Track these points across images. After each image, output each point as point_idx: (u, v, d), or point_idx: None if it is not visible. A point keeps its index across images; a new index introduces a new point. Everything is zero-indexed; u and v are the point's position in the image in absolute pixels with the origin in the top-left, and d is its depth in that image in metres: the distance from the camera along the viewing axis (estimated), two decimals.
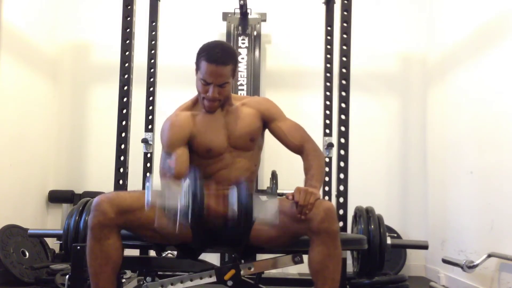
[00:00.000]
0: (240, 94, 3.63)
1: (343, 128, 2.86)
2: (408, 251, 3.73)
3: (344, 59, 2.89)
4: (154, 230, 1.83)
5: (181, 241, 1.90)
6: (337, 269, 1.75)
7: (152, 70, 3.27)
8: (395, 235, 3.63)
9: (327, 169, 3.30)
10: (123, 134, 2.82)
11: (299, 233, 1.81)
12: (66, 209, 3.75)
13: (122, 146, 2.82)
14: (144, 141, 3.17)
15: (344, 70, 2.89)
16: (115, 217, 1.71)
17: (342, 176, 2.83)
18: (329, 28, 3.32)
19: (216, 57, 1.85)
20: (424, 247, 2.80)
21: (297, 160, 1.91)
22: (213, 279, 1.91)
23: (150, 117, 3.21)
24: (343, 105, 2.87)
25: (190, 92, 2.08)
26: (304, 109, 3.93)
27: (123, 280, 2.55)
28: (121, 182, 2.78)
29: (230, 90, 1.98)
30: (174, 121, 1.97)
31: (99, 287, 1.71)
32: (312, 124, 3.65)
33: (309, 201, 1.69)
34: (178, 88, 3.59)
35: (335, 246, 1.74)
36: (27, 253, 3.22)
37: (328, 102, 3.33)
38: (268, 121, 2.07)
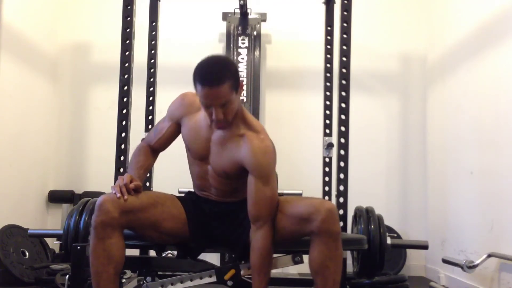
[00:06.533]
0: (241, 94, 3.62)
1: (343, 128, 2.86)
2: (408, 251, 3.74)
3: (344, 59, 2.89)
4: (157, 230, 1.83)
5: (181, 240, 1.91)
6: (338, 270, 1.76)
7: (152, 70, 3.27)
8: (395, 235, 3.63)
9: (327, 169, 3.31)
10: (123, 134, 2.82)
11: (300, 234, 1.80)
12: (66, 209, 3.75)
13: (122, 146, 2.82)
14: None
15: (344, 70, 2.89)
16: (118, 217, 1.71)
17: (342, 176, 2.83)
18: (329, 28, 3.33)
19: (209, 78, 1.68)
20: (424, 247, 2.79)
21: (297, 160, 1.91)
22: (213, 279, 1.92)
23: (150, 117, 3.21)
24: (343, 105, 2.87)
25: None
26: (304, 109, 3.94)
27: (123, 280, 2.54)
28: None
29: (236, 108, 1.79)
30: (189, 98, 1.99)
31: (101, 287, 1.71)
32: (312, 124, 3.70)
33: None
34: (178, 88, 3.57)
35: (336, 247, 1.74)
36: (27, 253, 3.22)
37: (328, 102, 3.34)
38: (249, 171, 1.81)
